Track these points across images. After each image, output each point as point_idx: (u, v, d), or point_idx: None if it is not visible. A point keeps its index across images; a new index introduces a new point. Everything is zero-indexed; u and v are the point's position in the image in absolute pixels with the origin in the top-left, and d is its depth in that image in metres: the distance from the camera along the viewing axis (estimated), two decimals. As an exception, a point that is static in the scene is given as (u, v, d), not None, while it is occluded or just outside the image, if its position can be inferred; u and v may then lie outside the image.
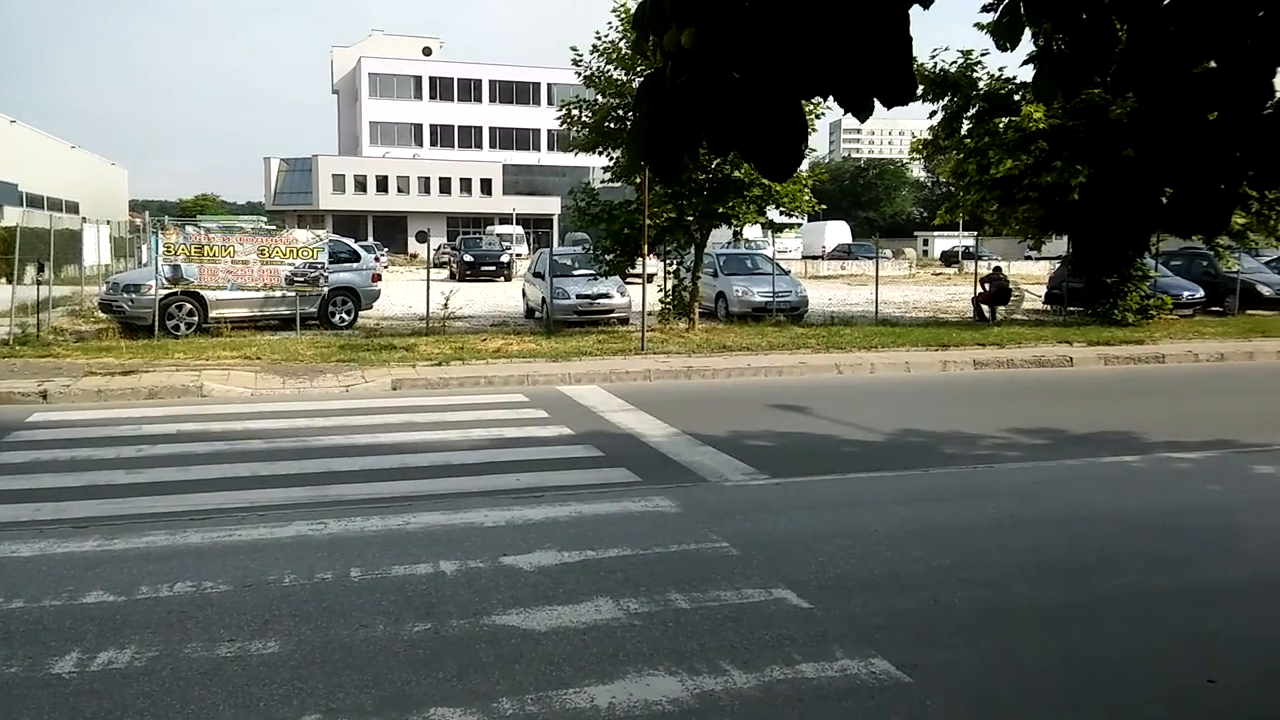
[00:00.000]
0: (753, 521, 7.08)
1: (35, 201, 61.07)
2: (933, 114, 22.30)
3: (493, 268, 42.16)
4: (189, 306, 18.48)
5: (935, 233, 72.37)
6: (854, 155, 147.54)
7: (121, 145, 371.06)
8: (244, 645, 4.86)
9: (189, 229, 19.54)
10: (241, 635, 4.98)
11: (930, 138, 23.21)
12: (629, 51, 18.89)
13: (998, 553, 6.49)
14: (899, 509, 7.50)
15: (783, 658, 4.75)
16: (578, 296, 20.91)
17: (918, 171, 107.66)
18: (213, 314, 18.63)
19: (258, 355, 15.74)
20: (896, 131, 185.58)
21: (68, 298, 23.36)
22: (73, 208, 65.14)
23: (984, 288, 23.44)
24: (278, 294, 19.11)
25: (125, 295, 18.72)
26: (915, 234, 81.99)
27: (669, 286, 20.63)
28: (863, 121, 2.67)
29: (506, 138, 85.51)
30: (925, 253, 72.37)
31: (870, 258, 46.69)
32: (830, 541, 6.58)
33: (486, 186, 78.93)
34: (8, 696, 4.32)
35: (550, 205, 77.41)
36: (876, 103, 2.49)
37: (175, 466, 9.00)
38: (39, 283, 19.31)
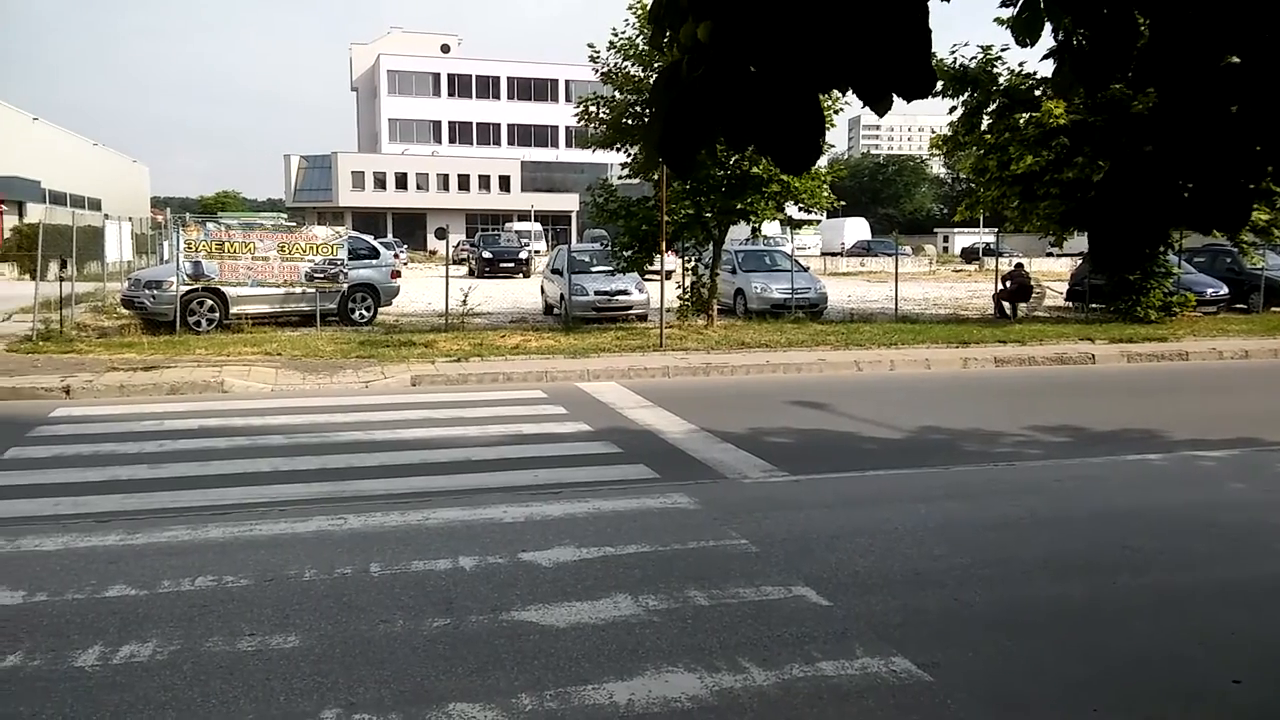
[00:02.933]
0: (772, 518, 7.06)
1: (58, 199, 61.64)
2: (952, 110, 22.18)
3: (511, 264, 42.24)
4: (210, 303, 18.59)
5: (955, 229, 72.02)
6: (873, 151, 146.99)
7: (143, 143, 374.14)
8: (264, 639, 4.89)
9: (210, 226, 19.68)
10: (262, 629, 5.01)
11: (950, 134, 23.06)
12: (646, 47, 18.86)
13: (1020, 551, 6.44)
14: (919, 506, 7.46)
15: (802, 655, 4.73)
16: (596, 293, 20.92)
17: (937, 168, 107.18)
18: (234, 310, 18.74)
19: (278, 351, 15.82)
20: (916, 128, 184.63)
21: (90, 294, 23.55)
22: (95, 205, 65.74)
23: (1005, 284, 23.29)
24: (298, 290, 19.22)
25: (147, 292, 18.85)
26: (935, 230, 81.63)
27: (687, 283, 20.60)
28: (881, 116, 2.65)
29: (525, 134, 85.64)
30: (945, 249, 72.01)
31: (890, 254, 46.52)
32: (850, 539, 6.56)
33: (505, 183, 79.10)
34: (30, 689, 4.35)
35: (569, 202, 77.50)
36: (895, 97, 2.47)
37: (196, 462, 9.06)
38: (62, 279, 19.49)
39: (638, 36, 19.00)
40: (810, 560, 6.12)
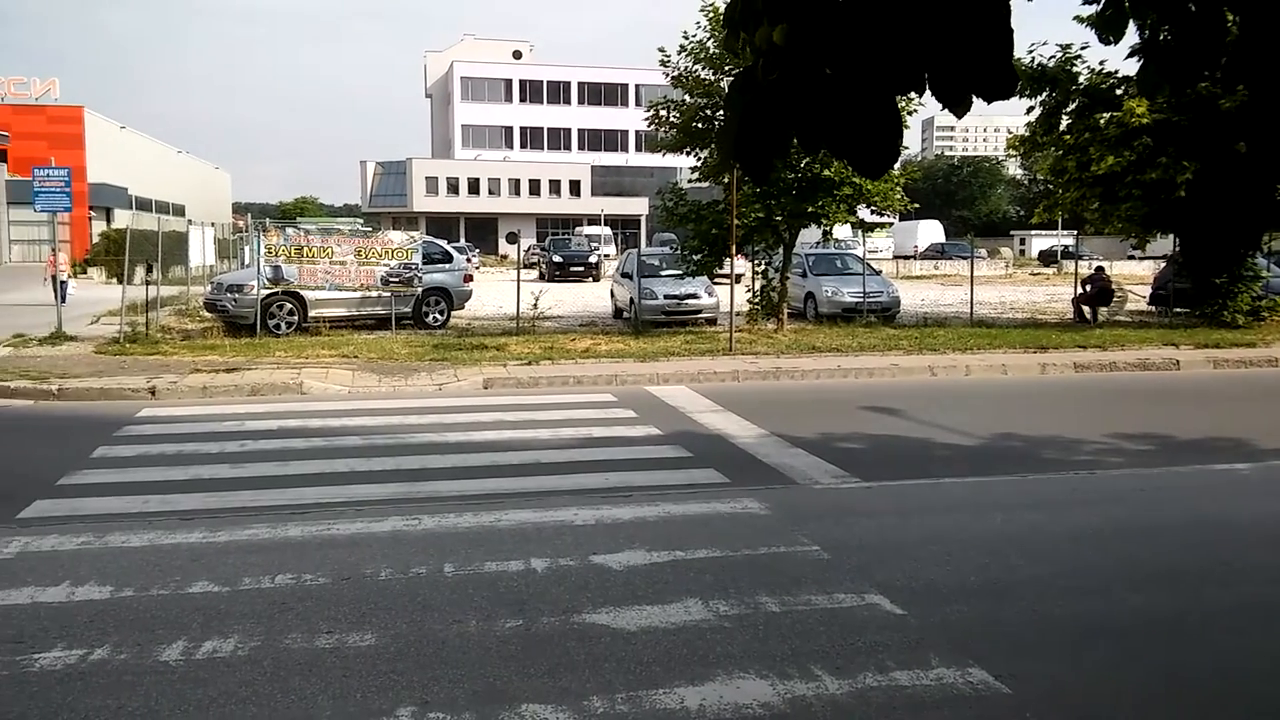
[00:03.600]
0: (843, 525, 6.99)
1: (144, 205, 63.64)
2: (1030, 110, 21.74)
3: (581, 268, 42.49)
4: (289, 306, 19.03)
5: (1032, 232, 70.54)
6: (947, 153, 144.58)
7: (225, 150, 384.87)
8: (341, 637, 4.98)
9: (289, 231, 20.14)
10: (339, 627, 5.10)
11: (1028, 134, 22.61)
12: (717, 51, 18.85)
13: (1101, 562, 6.28)
14: (996, 515, 7.32)
15: (876, 664, 4.67)
16: (665, 297, 20.93)
17: (1014, 169, 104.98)
18: (312, 313, 19.16)
19: (355, 354, 16.13)
20: (992, 128, 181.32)
21: (174, 297, 24.27)
22: (179, 210, 67.71)
23: (1085, 288, 22.74)
24: (374, 294, 19.57)
25: (229, 295, 19.37)
26: (1011, 233, 80.00)
27: (757, 287, 20.49)
28: (960, 118, 2.61)
29: (595, 139, 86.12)
30: (1022, 252, 70.54)
31: (964, 257, 45.72)
32: (924, 547, 6.46)
33: (575, 188, 79.61)
34: (118, 682, 4.49)
35: (638, 206, 77.71)
36: (975, 99, 2.43)
37: (276, 462, 9.27)
38: (148, 283, 20.13)
39: (708, 40, 18.99)
40: (883, 568, 6.04)
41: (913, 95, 2.46)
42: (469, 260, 27.38)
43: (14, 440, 10.77)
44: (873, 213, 20.75)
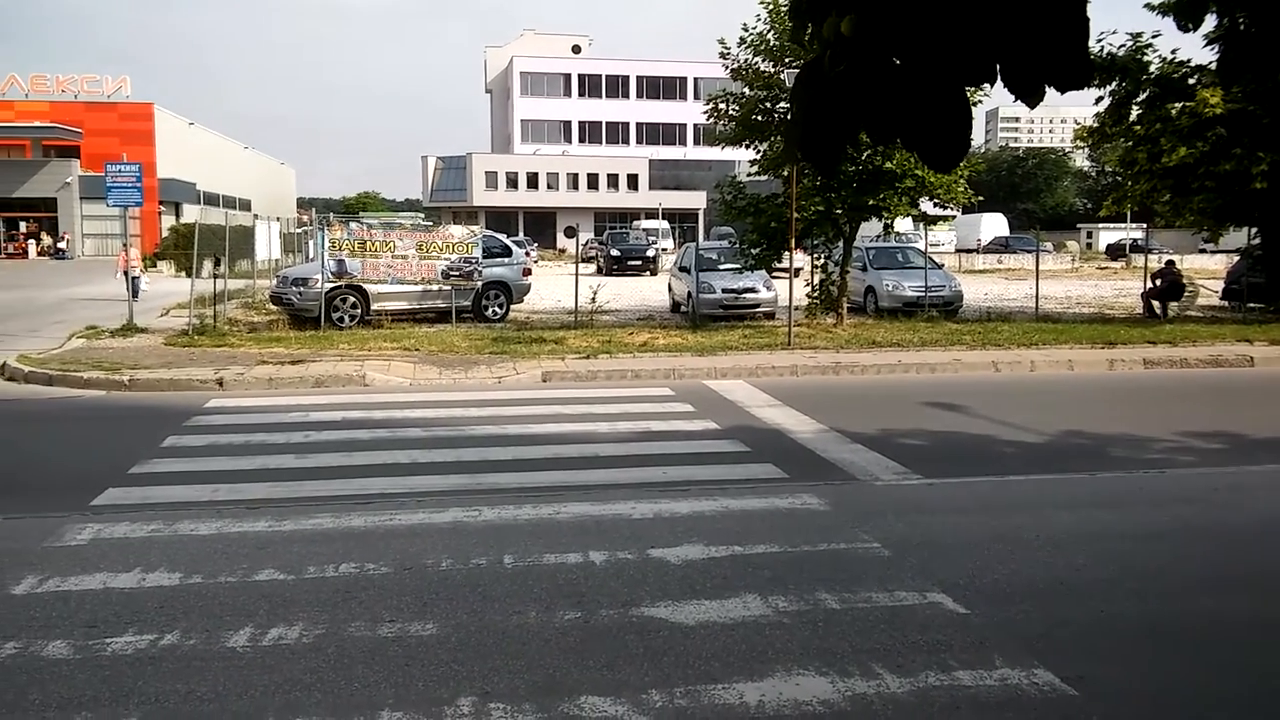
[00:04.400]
0: (905, 522, 6.90)
1: (211, 199, 65.01)
2: (1098, 100, 21.26)
3: (639, 262, 42.50)
4: (352, 299, 19.33)
5: (1100, 225, 68.97)
6: (1012, 144, 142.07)
7: (290, 145, 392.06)
8: (404, 626, 5.04)
9: (353, 225, 20.46)
10: (401, 616, 5.17)
11: (1096, 125, 22.11)
12: (778, 43, 18.71)
13: (1171, 563, 6.13)
14: (1062, 514, 7.18)
15: (938, 663, 4.60)
16: (723, 291, 20.85)
17: (1081, 161, 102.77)
18: (374, 307, 19.43)
19: (416, 347, 16.32)
20: (1058, 119, 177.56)
21: (241, 291, 24.74)
22: (245, 205, 69.12)
23: (1155, 283, 22.18)
24: (434, 288, 19.79)
25: (294, 288, 19.73)
26: (1078, 226, 78.36)
27: (816, 281, 20.32)
28: (1032, 108, 2.55)
29: (653, 133, 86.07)
30: (1089, 246, 69.04)
31: (1029, 251, 44.89)
32: (987, 545, 6.36)
33: (633, 182, 79.65)
34: (187, 667, 4.60)
35: (696, 200, 77.54)
36: (1048, 89, 2.37)
37: (340, 452, 9.42)
38: (215, 276, 20.54)
39: (768, 32, 18.85)
40: (946, 566, 5.95)
41: (984, 85, 2.41)
42: (527, 254, 27.57)
43: (88, 429, 11.08)
44: (936, 206, 20.44)
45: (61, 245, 56.83)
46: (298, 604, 5.36)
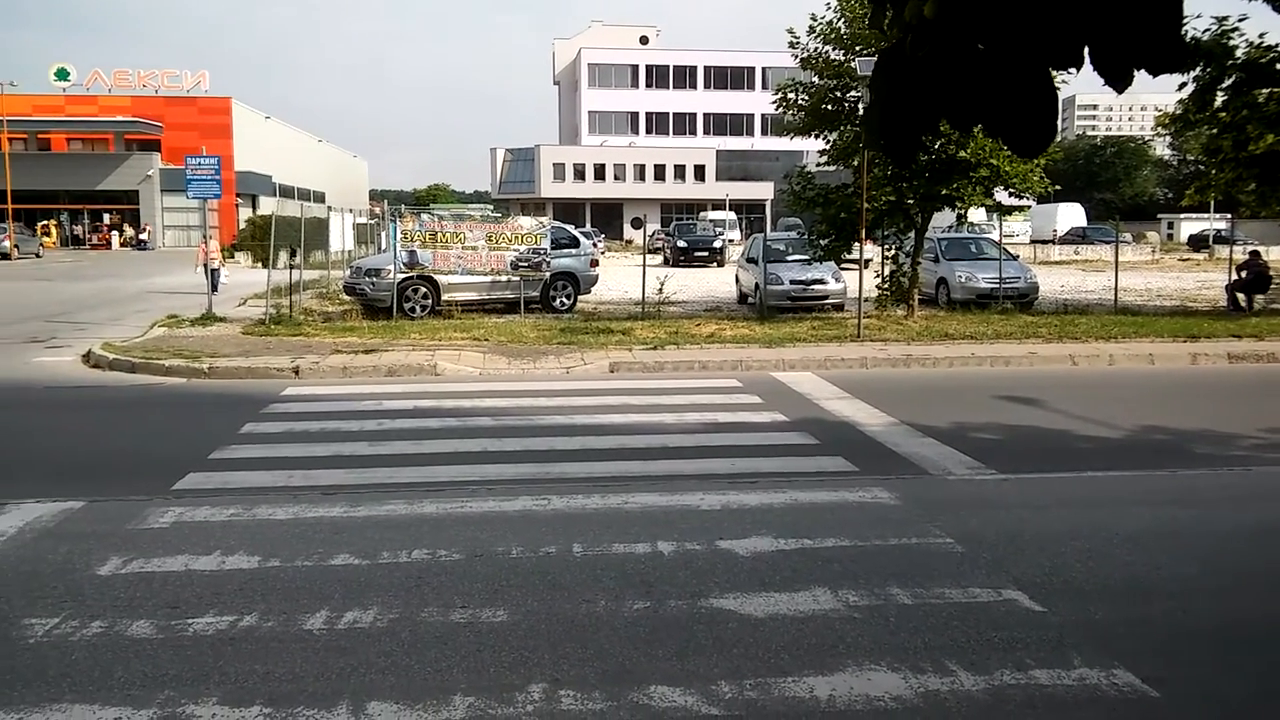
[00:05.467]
0: (979, 517, 6.78)
1: (287, 192, 66.45)
2: (1182, 86, 20.58)
3: (705, 253, 42.36)
4: (423, 290, 19.57)
5: (1181, 215, 67.02)
6: (1089, 133, 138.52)
7: (362, 138, 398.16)
8: (475, 612, 5.10)
9: (424, 217, 20.70)
10: (473, 603, 5.23)
11: (1179, 112, 21.41)
12: (848, 32, 18.48)
13: (1255, 563, 5.94)
14: (1141, 511, 6.99)
15: (1014, 661, 4.52)
16: (791, 282, 20.68)
17: (1162, 149, 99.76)
18: (444, 297, 19.66)
19: (485, 337, 16.49)
20: (1138, 106, 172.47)
21: (316, 281, 25.23)
22: (319, 197, 70.49)
23: (1240, 274, 21.44)
24: (503, 278, 19.96)
25: (367, 279, 20.05)
26: (1158, 216, 76.14)
27: (887, 272, 20.05)
28: (1120, 93, 2.47)
29: (720, 123, 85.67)
30: (1169, 236, 67.06)
31: (1107, 242, 43.68)
32: (1064, 542, 6.22)
33: (700, 172, 79.42)
34: (265, 649, 4.70)
35: (763, 190, 77.03)
36: (1138, 73, 2.30)
37: (411, 440, 9.56)
38: (291, 267, 20.98)
39: (839, 20, 18.63)
40: (1021, 563, 5.84)
41: (1069, 70, 2.34)
42: (594, 245, 27.63)
43: (169, 415, 11.40)
44: (1011, 195, 20.00)
45: (143, 236, 58.59)
46: (372, 588, 5.45)
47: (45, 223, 57.97)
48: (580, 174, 78.61)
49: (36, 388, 12.84)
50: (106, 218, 61.14)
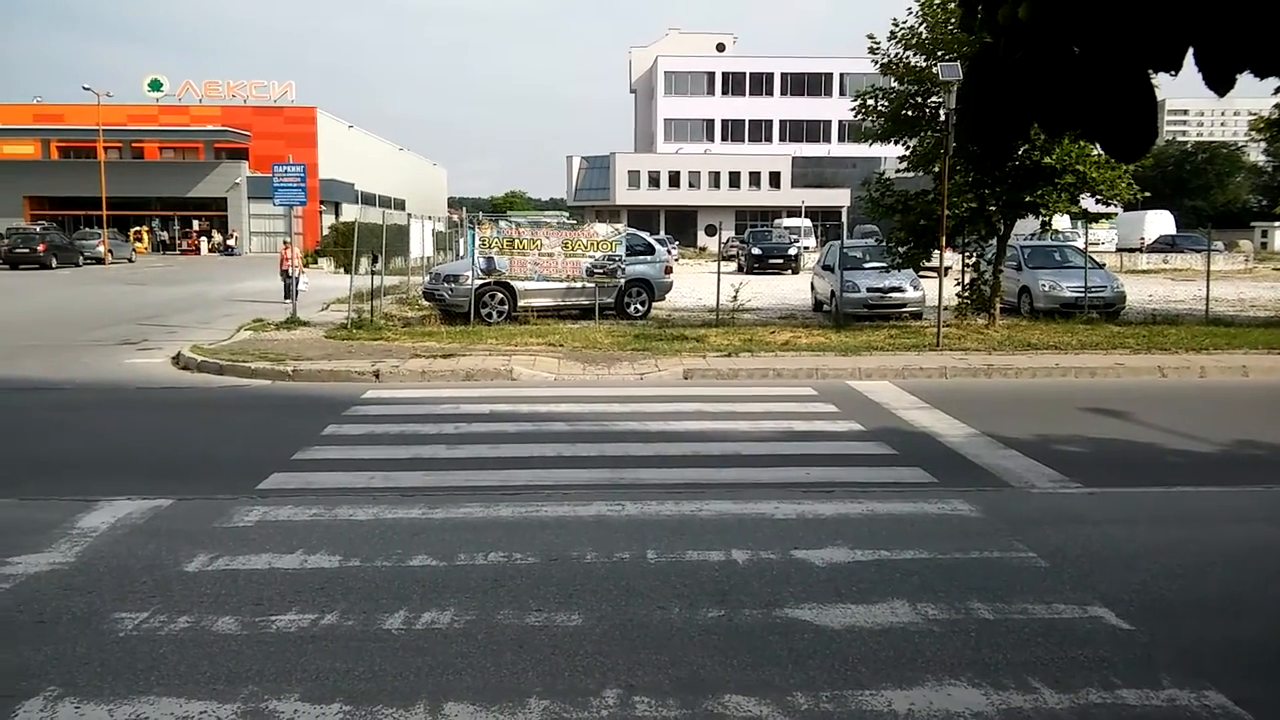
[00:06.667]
0: (1063, 532, 6.61)
1: (368, 199, 67.84)
2: (1277, 90, 19.85)
3: (780, 260, 42.05)
4: (500, 296, 19.79)
5: (1277, 223, 64.63)
6: (1179, 138, 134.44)
7: (441, 146, 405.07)
8: (550, 616, 5.13)
9: (501, 224, 20.96)
10: (548, 606, 5.25)
11: (1275, 116, 20.68)
12: (930, 36, 18.21)
13: (1360, 585, 5.68)
14: (1234, 528, 6.75)
15: (1100, 680, 4.39)
16: (868, 290, 20.44)
17: (1256, 155, 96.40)
18: (521, 303, 19.85)
19: (560, 343, 16.60)
20: (1230, 111, 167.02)
21: (396, 286, 25.67)
22: (399, 204, 71.83)
23: (1340, 284, 20.61)
24: (578, 285, 20.06)
25: (446, 285, 20.34)
26: (1252, 224, 73.53)
27: (967, 280, 19.69)
28: (1221, 96, 2.39)
29: (796, 130, 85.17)
30: (1264, 245, 64.71)
31: (1198, 250, 42.37)
32: (1153, 559, 6.02)
33: (775, 179, 79.00)
34: (345, 647, 4.79)
35: (839, 197, 76.33)
36: (1242, 75, 2.22)
37: (488, 444, 9.66)
38: (372, 273, 21.38)
39: (920, 25, 18.37)
40: (1108, 579, 5.67)
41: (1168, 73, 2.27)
42: (669, 252, 27.64)
43: (255, 416, 11.70)
44: (1098, 202, 19.47)
45: (230, 242, 60.36)
46: (449, 590, 5.51)
47: (138, 229, 60.05)
48: (655, 181, 78.77)
49: (129, 388, 13.29)
50: (196, 224, 63.11)
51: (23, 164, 62.18)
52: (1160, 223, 63.98)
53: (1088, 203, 19.59)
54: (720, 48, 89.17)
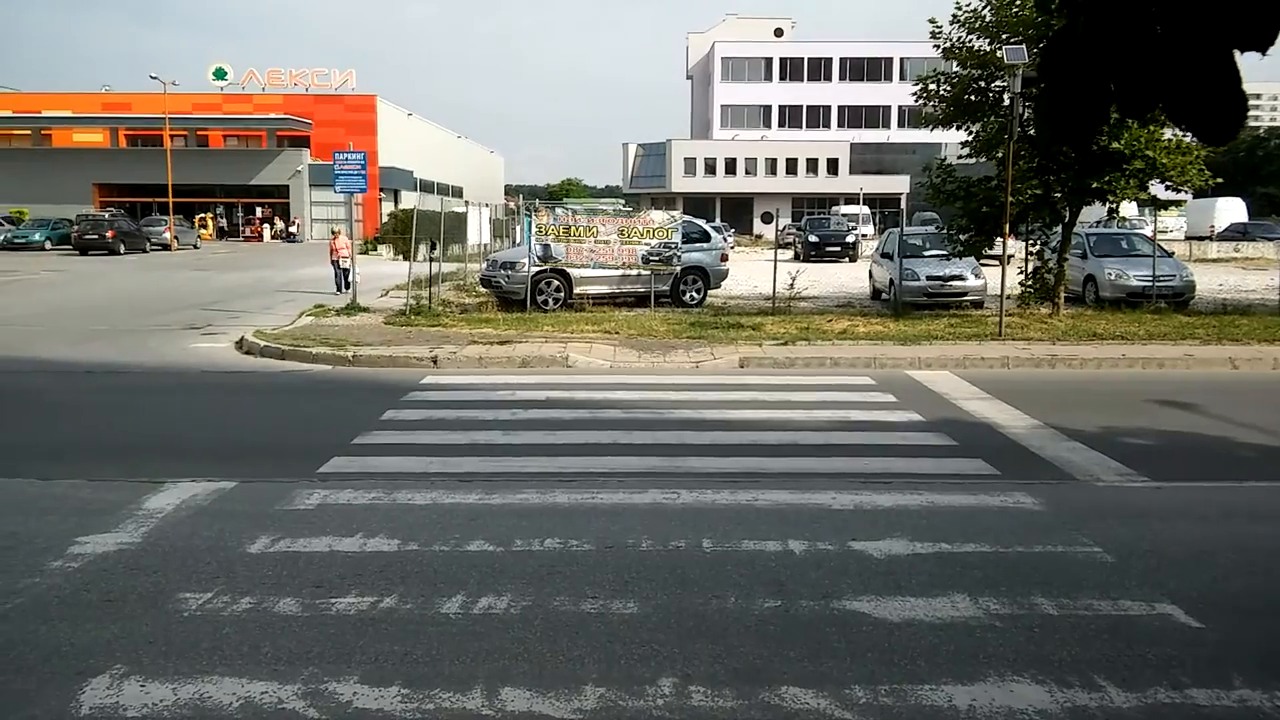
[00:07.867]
0: (1130, 526, 6.45)
1: (427, 187, 68.40)
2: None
3: (838, 248, 41.67)
4: (556, 283, 19.85)
5: (1354, 210, 62.38)
6: (1251, 124, 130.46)
7: (498, 134, 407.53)
8: (606, 603, 5.13)
9: (558, 211, 20.99)
10: (603, 594, 5.26)
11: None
12: (994, 19, 17.83)
13: None
14: (1311, 526, 6.53)
15: (1169, 680, 4.27)
16: (928, 278, 20.14)
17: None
18: (576, 290, 19.90)
19: (616, 330, 16.61)
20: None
21: (453, 273, 25.87)
22: (457, 192, 72.33)
23: None
24: (634, 272, 20.06)
25: (503, 272, 20.47)
26: (1328, 211, 71.13)
27: (1030, 268, 19.31)
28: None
29: (855, 116, 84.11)
30: (1341, 233, 62.55)
31: (1271, 239, 41.17)
32: (1224, 555, 5.86)
33: (833, 166, 78.17)
34: (404, 630, 4.83)
35: (898, 184, 75.24)
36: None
37: (544, 431, 9.70)
38: (431, 260, 21.57)
39: (984, 8, 18.00)
40: (1176, 576, 5.52)
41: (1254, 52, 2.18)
42: (725, 240, 27.50)
43: (316, 401, 11.87)
44: (1167, 189, 18.96)
45: (292, 229, 61.29)
46: (506, 575, 5.54)
47: (202, 215, 61.26)
48: (711, 168, 78.39)
49: (194, 372, 13.57)
50: (259, 211, 64.16)
51: (92, 151, 63.70)
52: (1232, 210, 62.10)
53: (1156, 189, 19.06)
54: (778, 33, 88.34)
